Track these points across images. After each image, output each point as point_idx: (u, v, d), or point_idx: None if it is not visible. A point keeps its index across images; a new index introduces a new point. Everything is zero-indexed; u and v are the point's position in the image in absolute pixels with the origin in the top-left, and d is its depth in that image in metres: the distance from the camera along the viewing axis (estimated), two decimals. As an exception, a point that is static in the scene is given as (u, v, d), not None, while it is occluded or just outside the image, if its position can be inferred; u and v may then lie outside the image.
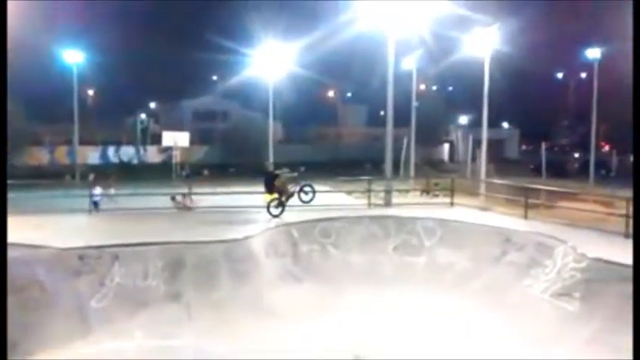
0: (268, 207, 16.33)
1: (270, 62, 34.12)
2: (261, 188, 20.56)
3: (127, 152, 49.29)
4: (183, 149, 39.51)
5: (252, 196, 18.50)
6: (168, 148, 41.10)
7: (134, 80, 57.39)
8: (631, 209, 13.77)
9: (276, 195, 16.34)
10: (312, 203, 17.45)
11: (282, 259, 14.11)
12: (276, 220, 15.92)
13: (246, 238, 13.60)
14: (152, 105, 66.56)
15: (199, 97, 60.02)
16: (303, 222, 15.52)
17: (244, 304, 11.94)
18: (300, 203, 17.15)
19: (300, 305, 12.23)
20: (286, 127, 57.31)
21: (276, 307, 12.08)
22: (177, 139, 37.92)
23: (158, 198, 18.82)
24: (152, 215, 17.24)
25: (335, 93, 70.37)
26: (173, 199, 18.83)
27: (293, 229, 15.08)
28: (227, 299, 12.11)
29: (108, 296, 11.65)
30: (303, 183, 17.32)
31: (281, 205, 16.44)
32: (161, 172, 36.86)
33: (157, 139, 45.48)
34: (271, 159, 33.99)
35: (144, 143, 51.50)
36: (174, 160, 38.22)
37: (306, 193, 17.01)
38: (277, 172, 16.97)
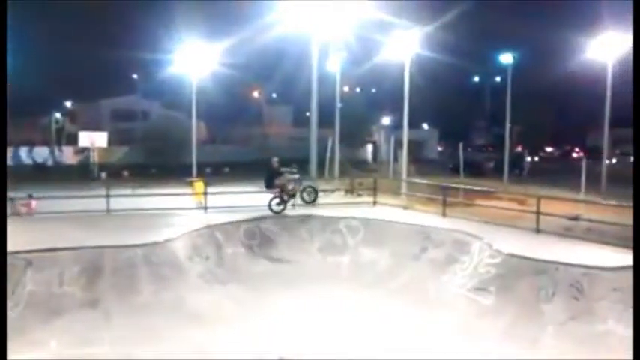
0: (270, 204, 16.70)
1: (193, 61, 33.51)
2: (186, 189, 20.29)
3: (41, 153, 46.79)
4: (101, 150, 38.10)
5: (176, 198, 18.10)
6: (86, 149, 39.49)
7: (48, 78, 54.56)
8: (541, 207, 14.60)
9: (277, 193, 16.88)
10: (237, 204, 17.38)
11: (206, 262, 13.89)
12: (199, 222, 15.65)
13: (168, 240, 13.29)
14: (68, 104, 63.65)
15: (118, 96, 58.05)
16: (227, 223, 15.36)
17: (166, 309, 11.66)
18: (229, 204, 17.23)
19: (224, 308, 12.11)
20: (210, 127, 56.46)
21: (199, 311, 11.87)
22: (94, 140, 36.51)
23: (73, 201, 18.01)
24: (67, 219, 16.48)
25: (260, 93, 70.06)
26: (11, 200, 17.99)
27: (217, 231, 14.89)
28: (148, 304, 11.80)
29: (20, 305, 11.05)
30: (305, 185, 18.02)
31: (283, 202, 16.84)
32: (78, 174, 35.35)
33: (73, 140, 43.51)
34: (194, 159, 33.43)
35: (59, 144, 49.12)
36: (91, 162, 36.78)
37: (308, 194, 17.65)
38: (283, 169, 17.44)
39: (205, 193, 18.18)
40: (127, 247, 12.59)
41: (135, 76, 66.27)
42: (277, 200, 16.80)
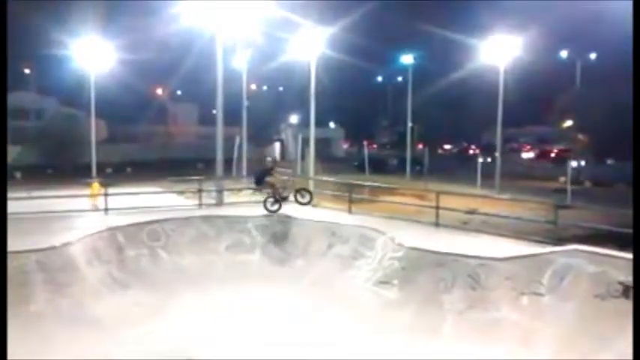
0: (265, 203, 16.54)
1: (91, 57, 32.07)
2: (85, 191, 19.34)
3: None
4: (-10, 150, 35.51)
5: (74, 200, 17.25)
6: (-28, 149, 36.69)
7: None
8: (440, 201, 15.25)
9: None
10: (139, 205, 16.90)
11: (106, 266, 13.30)
12: (99, 224, 14.98)
13: (64, 245, 12.59)
14: (-51, 100, 58.74)
15: (8, 92, 54.29)
16: (129, 225, 14.79)
17: (64, 317, 11.05)
18: (131, 205, 16.90)
19: (127, 313, 11.65)
20: (111, 125, 54.20)
21: (100, 317, 11.37)
22: (-18, 139, 33.96)
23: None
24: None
25: (164, 90, 68.15)
26: None
27: (118, 234, 14.29)
28: (43, 313, 11.13)
29: None
30: (298, 187, 17.81)
31: (277, 202, 16.60)
32: (-37, 176, 32.72)
33: (-44, 139, 40.25)
34: (94, 159, 32.08)
35: (-60, 144, 45.30)
36: (-21, 163, 34.20)
37: (302, 196, 17.29)
38: (277, 169, 17.54)
39: (106, 194, 17.42)
40: (20, 253, 11.79)
41: (27, 71, 62.35)
42: (272, 200, 16.62)
